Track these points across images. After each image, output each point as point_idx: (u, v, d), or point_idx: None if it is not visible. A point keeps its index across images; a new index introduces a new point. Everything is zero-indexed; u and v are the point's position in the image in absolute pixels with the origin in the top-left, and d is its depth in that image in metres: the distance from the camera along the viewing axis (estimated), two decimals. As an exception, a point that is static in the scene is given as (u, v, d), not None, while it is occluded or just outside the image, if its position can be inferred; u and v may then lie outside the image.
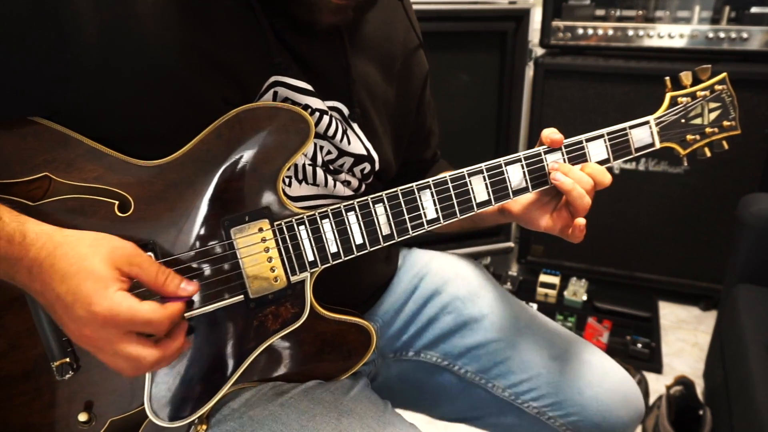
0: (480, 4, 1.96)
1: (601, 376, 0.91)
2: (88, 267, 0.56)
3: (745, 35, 1.83)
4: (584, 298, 2.16)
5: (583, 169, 0.75)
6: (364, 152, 0.80)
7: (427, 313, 0.95)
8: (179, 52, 0.62)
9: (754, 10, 1.82)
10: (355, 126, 0.79)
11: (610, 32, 1.97)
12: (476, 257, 2.29)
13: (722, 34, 1.85)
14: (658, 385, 1.77)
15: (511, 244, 2.29)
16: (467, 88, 2.07)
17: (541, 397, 0.90)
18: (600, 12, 2.01)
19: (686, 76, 0.82)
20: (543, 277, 2.22)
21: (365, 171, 0.82)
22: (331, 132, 0.76)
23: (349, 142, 0.78)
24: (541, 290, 2.20)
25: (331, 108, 0.76)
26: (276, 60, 0.68)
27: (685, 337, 2.07)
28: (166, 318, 0.59)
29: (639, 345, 1.91)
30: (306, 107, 0.72)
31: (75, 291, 0.56)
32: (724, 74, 0.84)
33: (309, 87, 0.72)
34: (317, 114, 0.74)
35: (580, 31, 2.00)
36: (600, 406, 0.88)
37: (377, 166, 0.82)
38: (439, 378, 0.96)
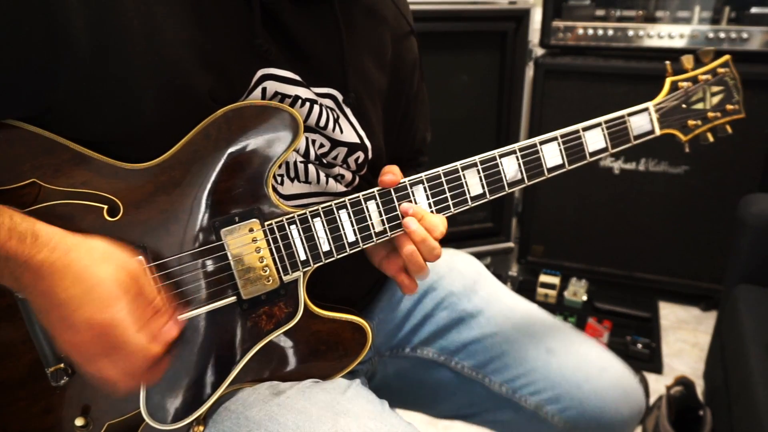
0: (480, 4, 1.96)
1: (600, 370, 0.89)
2: (102, 275, 0.58)
3: (745, 35, 1.82)
4: (584, 298, 2.16)
5: (415, 215, 0.72)
6: (357, 140, 0.79)
7: (422, 309, 0.95)
8: (167, 48, 0.61)
9: (754, 10, 1.82)
10: (349, 112, 0.78)
11: (610, 32, 1.97)
12: (476, 257, 2.29)
13: (722, 35, 1.84)
14: (658, 385, 1.76)
15: (511, 244, 2.29)
16: (467, 88, 2.07)
17: (538, 391, 0.89)
18: (600, 12, 2.01)
19: (687, 60, 0.80)
20: (543, 278, 2.21)
21: (359, 161, 0.81)
22: (322, 122, 0.75)
23: (341, 131, 0.78)
24: (541, 290, 2.20)
25: (323, 95, 0.75)
26: (257, 41, 0.66)
27: (685, 337, 2.07)
28: (150, 357, 0.60)
29: (639, 345, 1.90)
30: (296, 98, 0.72)
31: (82, 296, 0.57)
32: (727, 56, 0.80)
33: (297, 77, 0.71)
34: (307, 104, 0.73)
35: (580, 31, 2.00)
36: (599, 400, 0.87)
37: (371, 155, 0.82)
38: (436, 374, 0.96)
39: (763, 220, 1.46)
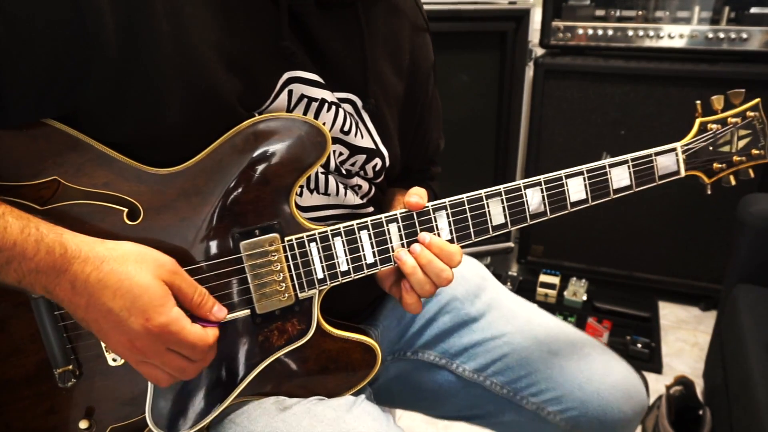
0: (480, 4, 1.96)
1: (603, 371, 0.90)
2: (142, 283, 0.58)
3: (744, 35, 1.82)
4: (584, 298, 2.16)
5: (430, 248, 0.71)
6: (373, 146, 0.79)
7: (425, 314, 0.95)
8: (194, 50, 0.61)
9: (753, 10, 1.82)
10: (366, 119, 0.78)
11: (610, 32, 1.97)
12: (476, 258, 2.29)
13: (722, 35, 1.84)
14: (658, 385, 1.77)
15: (511, 244, 2.29)
16: (467, 88, 2.07)
17: (540, 392, 0.89)
18: (600, 12, 2.00)
19: (718, 101, 0.79)
20: (543, 278, 2.22)
21: (377, 168, 0.81)
22: (346, 127, 0.75)
23: (362, 137, 0.78)
24: (541, 290, 2.20)
25: (342, 100, 0.75)
26: (284, 43, 0.66)
27: (685, 337, 2.07)
28: (207, 345, 0.62)
29: (639, 345, 1.91)
30: (322, 102, 0.71)
31: (130, 306, 0.57)
32: (757, 100, 0.79)
33: (321, 80, 0.71)
34: (333, 108, 0.73)
35: (580, 32, 2.00)
36: (601, 401, 0.87)
37: (388, 162, 0.82)
38: (437, 377, 0.96)
39: (762, 220, 1.46)
